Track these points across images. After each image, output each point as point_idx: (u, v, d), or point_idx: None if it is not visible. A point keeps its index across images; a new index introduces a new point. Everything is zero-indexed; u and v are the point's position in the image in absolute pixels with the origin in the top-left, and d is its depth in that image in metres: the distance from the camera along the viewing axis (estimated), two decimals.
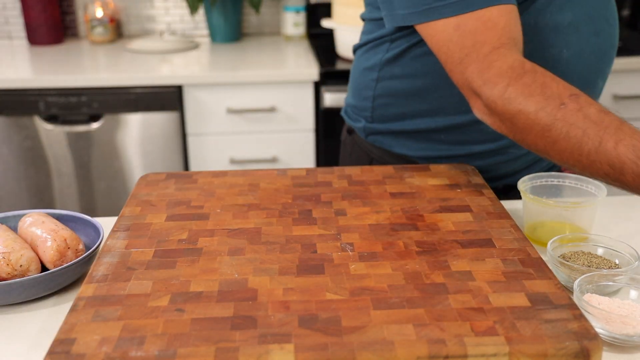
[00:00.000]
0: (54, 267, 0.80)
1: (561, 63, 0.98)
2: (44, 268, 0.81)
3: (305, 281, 0.69)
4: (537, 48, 0.97)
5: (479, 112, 0.89)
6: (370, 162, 1.17)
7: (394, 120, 1.11)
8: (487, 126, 0.90)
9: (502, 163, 1.09)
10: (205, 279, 0.70)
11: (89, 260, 0.81)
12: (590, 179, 0.94)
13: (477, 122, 0.98)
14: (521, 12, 0.93)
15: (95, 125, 2.09)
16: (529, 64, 0.84)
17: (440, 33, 0.89)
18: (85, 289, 0.69)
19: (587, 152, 0.78)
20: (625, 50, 2.11)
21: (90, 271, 0.73)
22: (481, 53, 0.85)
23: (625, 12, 2.42)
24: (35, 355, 0.69)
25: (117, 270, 0.72)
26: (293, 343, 0.59)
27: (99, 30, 2.49)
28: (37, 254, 0.81)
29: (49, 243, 0.80)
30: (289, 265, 0.73)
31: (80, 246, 0.82)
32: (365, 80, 1.12)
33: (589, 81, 1.01)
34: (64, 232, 0.82)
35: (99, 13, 2.48)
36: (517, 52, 0.86)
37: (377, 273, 0.71)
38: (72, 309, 0.65)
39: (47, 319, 0.75)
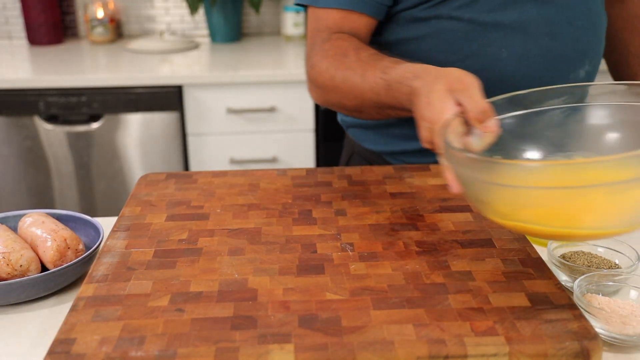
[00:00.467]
0: (54, 267, 0.80)
1: (500, 62, 0.98)
2: (44, 268, 0.81)
3: (305, 281, 0.69)
4: (474, 45, 0.98)
5: (309, 90, 1.01)
6: (351, 155, 1.19)
7: None
8: None
9: None
10: (205, 279, 0.70)
11: (89, 260, 0.81)
12: None
13: None
14: (452, 6, 0.97)
15: (95, 125, 2.09)
16: (342, 35, 0.95)
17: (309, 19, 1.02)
18: (85, 289, 0.69)
19: (360, 90, 0.89)
20: None
21: (90, 271, 0.73)
22: (317, 40, 0.98)
23: None
24: (35, 355, 0.69)
25: (117, 270, 0.72)
26: (293, 343, 0.59)
27: (99, 30, 2.49)
28: (37, 254, 0.81)
29: (49, 243, 0.80)
30: (289, 265, 0.73)
31: (80, 246, 0.82)
32: None
33: (541, 83, 0.97)
34: (64, 232, 0.82)
35: (99, 13, 2.48)
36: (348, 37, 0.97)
37: (377, 273, 0.71)
38: (72, 309, 0.65)
39: (47, 319, 0.75)
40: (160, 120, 2.09)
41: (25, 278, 0.76)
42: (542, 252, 0.83)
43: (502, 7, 0.97)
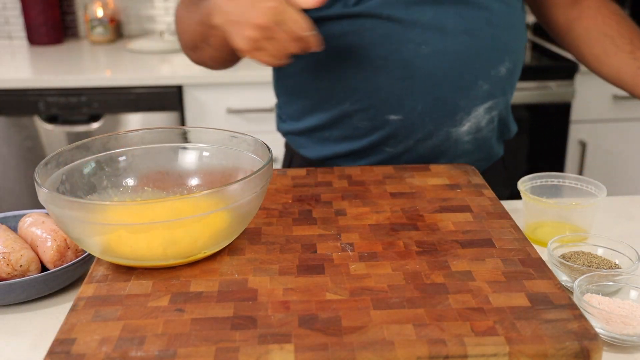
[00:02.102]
0: (54, 267, 0.80)
1: (420, 58, 0.99)
2: (44, 268, 0.81)
3: (305, 281, 0.69)
4: (394, 42, 0.99)
5: None
6: (290, 161, 1.20)
7: (293, 119, 1.15)
8: (358, 120, 1.04)
9: (382, 163, 1.09)
10: (205, 279, 0.70)
11: (89, 260, 0.81)
12: (591, 180, 0.94)
13: (347, 116, 1.05)
14: (370, 5, 0.99)
15: (95, 125, 2.09)
16: None
17: None
18: (85, 289, 0.69)
19: (187, 23, 1.02)
20: None
21: (90, 271, 0.73)
22: None
23: (626, 12, 2.42)
24: (35, 355, 0.69)
25: (117, 270, 0.72)
26: (293, 343, 0.59)
27: (99, 30, 2.49)
28: (37, 254, 0.81)
29: (49, 243, 0.80)
30: (289, 265, 0.73)
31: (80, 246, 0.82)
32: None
33: (463, 80, 1.02)
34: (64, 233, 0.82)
35: (99, 13, 2.48)
36: None
37: (377, 273, 0.71)
38: (72, 309, 0.65)
39: (47, 319, 0.75)
40: (160, 120, 2.09)
41: (25, 278, 0.76)
42: (542, 252, 0.83)
43: (420, 5, 0.99)
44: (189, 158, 0.87)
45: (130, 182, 0.85)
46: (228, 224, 0.73)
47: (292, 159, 1.19)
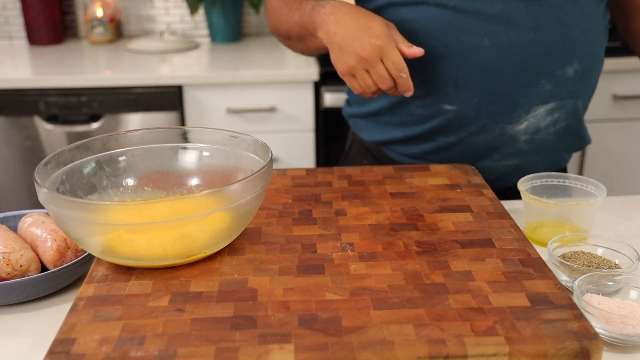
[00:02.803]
0: (54, 267, 0.80)
1: (481, 50, 0.99)
2: (44, 268, 0.81)
3: (305, 281, 0.69)
4: (457, 32, 0.99)
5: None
6: (352, 144, 1.23)
7: (358, 103, 1.18)
8: (415, 107, 1.06)
9: (434, 152, 1.10)
10: (205, 279, 0.70)
11: (89, 260, 0.81)
12: (591, 180, 0.94)
13: (406, 102, 1.06)
14: None
15: (95, 125, 2.09)
16: None
17: None
18: (85, 289, 0.69)
19: (285, 19, 1.07)
20: (625, 50, 2.11)
21: (90, 271, 0.73)
22: None
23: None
24: (35, 355, 0.69)
25: (117, 270, 0.72)
26: (293, 343, 0.59)
27: (99, 30, 2.48)
28: (37, 254, 0.81)
29: (49, 243, 0.80)
30: (289, 265, 0.73)
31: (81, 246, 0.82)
32: None
33: (525, 77, 1.01)
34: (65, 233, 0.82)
35: (99, 13, 2.48)
36: None
37: (377, 273, 0.71)
38: (72, 309, 0.65)
39: (47, 319, 0.75)
40: (160, 120, 2.09)
41: (25, 278, 0.76)
42: (542, 252, 0.83)
43: None
44: (189, 158, 0.87)
45: (130, 182, 0.85)
46: (228, 224, 0.73)
47: (352, 143, 1.23)
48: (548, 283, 0.69)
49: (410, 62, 0.99)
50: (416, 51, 0.92)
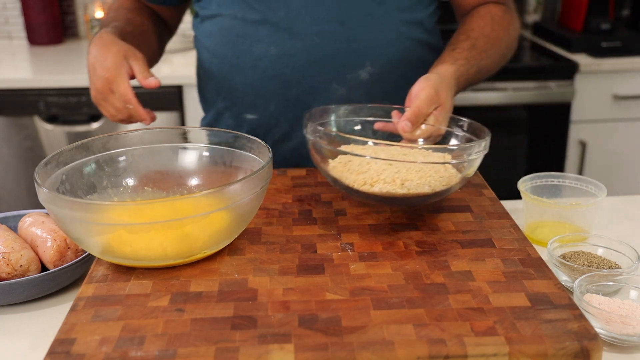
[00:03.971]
0: (54, 267, 0.80)
1: (269, 58, 1.01)
2: (44, 268, 0.81)
3: (305, 281, 0.69)
4: (247, 42, 1.01)
5: None
6: None
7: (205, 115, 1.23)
8: (226, 118, 1.11)
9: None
10: (205, 279, 0.70)
11: (88, 260, 0.81)
12: (591, 180, 0.94)
13: (221, 114, 1.12)
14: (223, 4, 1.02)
15: (95, 125, 2.09)
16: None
17: None
18: (85, 289, 0.69)
19: None
20: (625, 50, 2.11)
21: (90, 271, 0.73)
22: None
23: (626, 12, 2.42)
24: (35, 355, 0.69)
25: (117, 270, 0.72)
26: (293, 343, 0.59)
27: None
28: (37, 254, 0.81)
29: (49, 243, 0.80)
30: (289, 265, 0.73)
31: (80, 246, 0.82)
32: None
33: (315, 82, 1.01)
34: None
35: (99, 13, 2.48)
36: None
37: (377, 273, 0.71)
38: (72, 309, 0.65)
39: (47, 319, 0.75)
40: (160, 120, 2.08)
41: (25, 278, 0.76)
42: (542, 252, 0.83)
43: (271, 4, 1.00)
44: (189, 158, 0.87)
45: (130, 182, 0.85)
46: (228, 224, 0.73)
47: None
48: (548, 283, 0.69)
49: (216, 74, 1.04)
50: (152, 82, 0.91)
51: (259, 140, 0.81)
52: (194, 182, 0.86)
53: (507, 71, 2.08)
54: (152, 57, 1.11)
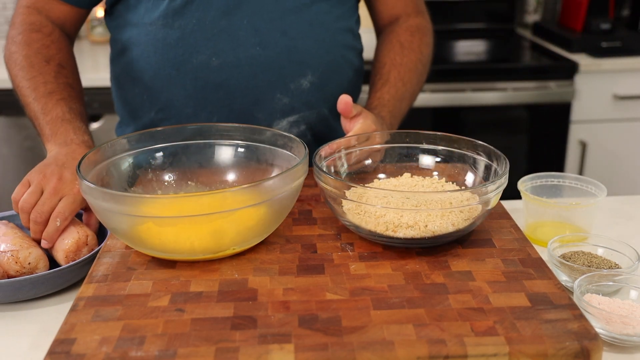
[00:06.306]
0: (66, 256, 0.80)
1: (211, 70, 0.99)
2: (52, 266, 0.82)
3: (305, 281, 0.69)
4: (185, 52, 0.99)
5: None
6: None
7: (122, 126, 1.18)
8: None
9: None
10: (205, 279, 0.70)
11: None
12: (591, 180, 0.94)
13: (155, 125, 1.05)
14: (167, 14, 0.99)
15: (95, 125, 2.09)
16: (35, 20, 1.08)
17: None
18: (85, 289, 0.69)
19: (22, 90, 1.11)
20: (625, 50, 2.11)
21: (90, 271, 0.73)
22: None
23: (626, 12, 2.42)
24: (35, 355, 0.69)
25: (117, 270, 0.72)
26: (293, 343, 0.59)
27: (99, 30, 2.48)
28: (53, 245, 0.82)
29: (71, 232, 0.81)
30: (289, 265, 0.73)
31: (96, 247, 0.83)
32: None
33: (259, 92, 1.01)
34: (88, 230, 0.84)
35: (99, 13, 2.48)
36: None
37: (377, 273, 0.71)
38: (72, 309, 0.65)
39: (47, 319, 0.75)
40: None
41: (34, 275, 0.76)
42: (542, 252, 0.83)
43: (212, 15, 0.98)
44: (228, 155, 0.89)
45: (173, 176, 0.87)
46: (256, 221, 0.72)
47: None
48: (548, 283, 0.69)
49: (150, 85, 1.01)
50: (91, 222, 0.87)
51: (294, 137, 0.82)
52: (233, 177, 0.88)
53: (507, 71, 2.09)
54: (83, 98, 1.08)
